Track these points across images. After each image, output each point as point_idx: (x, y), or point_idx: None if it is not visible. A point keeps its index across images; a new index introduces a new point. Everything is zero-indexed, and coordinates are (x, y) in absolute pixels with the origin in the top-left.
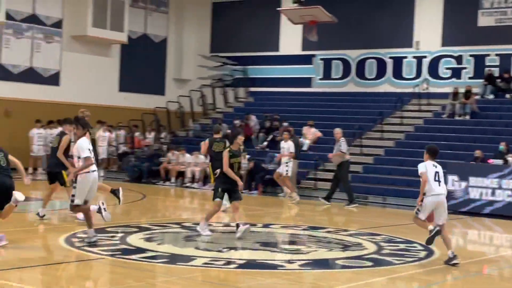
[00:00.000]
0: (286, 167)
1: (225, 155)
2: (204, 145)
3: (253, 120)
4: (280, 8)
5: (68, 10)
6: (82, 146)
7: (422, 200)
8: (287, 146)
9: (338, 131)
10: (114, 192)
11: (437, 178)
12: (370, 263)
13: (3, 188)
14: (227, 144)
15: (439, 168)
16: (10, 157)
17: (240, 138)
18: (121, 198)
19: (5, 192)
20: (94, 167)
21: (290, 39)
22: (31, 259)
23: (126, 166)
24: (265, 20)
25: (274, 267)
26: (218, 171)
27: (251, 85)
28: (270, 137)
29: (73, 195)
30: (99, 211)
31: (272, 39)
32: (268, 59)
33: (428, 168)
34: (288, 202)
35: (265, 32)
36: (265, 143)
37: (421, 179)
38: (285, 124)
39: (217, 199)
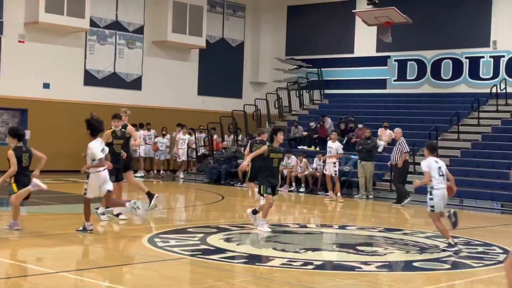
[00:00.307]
0: (335, 168)
1: (262, 148)
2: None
3: (328, 122)
4: (355, 10)
5: (149, 16)
6: (94, 151)
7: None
8: (335, 146)
9: (398, 130)
10: (150, 195)
11: (441, 173)
12: (448, 266)
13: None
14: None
15: (441, 163)
16: (37, 152)
17: (280, 136)
18: (152, 203)
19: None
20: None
21: (365, 40)
22: (115, 258)
23: (205, 168)
24: (340, 22)
25: (351, 268)
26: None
27: (326, 87)
28: (345, 139)
29: (85, 189)
30: (130, 210)
31: (347, 41)
32: (343, 61)
33: (431, 165)
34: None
35: (340, 34)
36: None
37: (424, 176)
38: (360, 125)
39: (268, 194)
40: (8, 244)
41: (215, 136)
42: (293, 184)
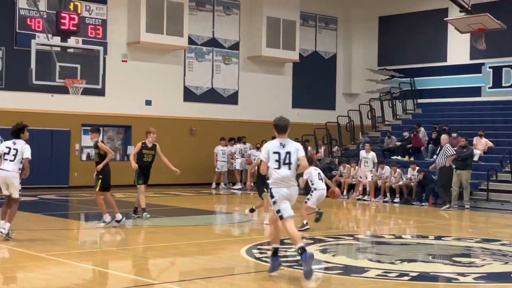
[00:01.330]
0: (371, 174)
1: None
2: None
3: (422, 131)
4: (447, 18)
5: (244, 32)
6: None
7: None
8: (371, 156)
9: (444, 137)
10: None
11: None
12: None
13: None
14: None
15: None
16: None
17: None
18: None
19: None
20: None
21: (458, 48)
22: (215, 269)
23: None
24: (432, 31)
25: (447, 279)
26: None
27: (419, 97)
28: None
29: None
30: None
31: (440, 49)
32: (435, 70)
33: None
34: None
35: (432, 43)
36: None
37: None
38: (454, 134)
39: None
40: (114, 257)
41: (309, 148)
42: (388, 194)
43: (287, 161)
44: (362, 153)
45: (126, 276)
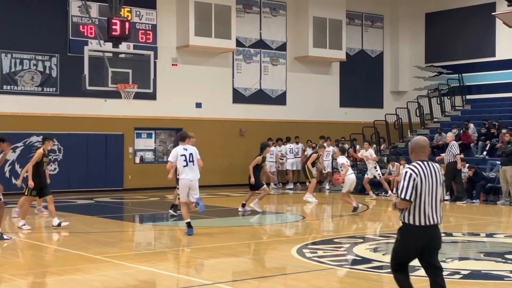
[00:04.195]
0: (377, 171)
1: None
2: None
3: (472, 128)
4: (495, 13)
5: (291, 33)
6: None
7: None
8: (369, 153)
9: (450, 135)
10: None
11: None
12: None
13: None
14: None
15: None
16: None
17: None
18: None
19: None
20: None
21: (507, 43)
22: (267, 269)
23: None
24: (480, 26)
25: (499, 277)
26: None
27: (468, 93)
28: (489, 144)
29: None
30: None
31: (488, 44)
32: (484, 65)
33: None
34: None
35: (480, 38)
36: (485, 152)
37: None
38: (504, 131)
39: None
40: (167, 257)
41: (357, 147)
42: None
43: None
44: (362, 151)
45: (180, 277)
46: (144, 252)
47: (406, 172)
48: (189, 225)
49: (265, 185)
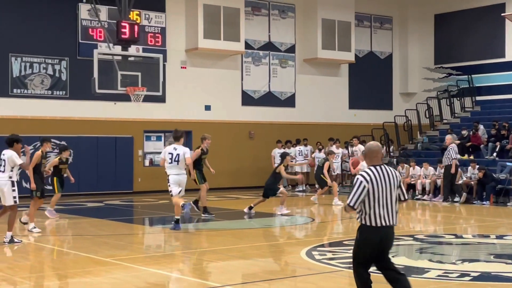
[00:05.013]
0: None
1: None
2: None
3: (481, 129)
4: (504, 14)
5: (300, 35)
6: None
7: None
8: (358, 148)
9: (449, 137)
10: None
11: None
12: None
13: None
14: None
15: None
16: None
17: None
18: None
19: None
20: None
21: None
22: (277, 271)
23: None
24: (489, 27)
25: (510, 279)
26: None
27: (477, 94)
28: (499, 146)
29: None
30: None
31: (497, 45)
32: (493, 66)
33: None
34: None
35: (489, 39)
36: (495, 153)
37: None
38: None
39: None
40: (177, 260)
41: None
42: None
43: None
44: (354, 147)
45: (190, 279)
46: (154, 255)
47: (358, 179)
48: (177, 221)
49: (281, 188)
